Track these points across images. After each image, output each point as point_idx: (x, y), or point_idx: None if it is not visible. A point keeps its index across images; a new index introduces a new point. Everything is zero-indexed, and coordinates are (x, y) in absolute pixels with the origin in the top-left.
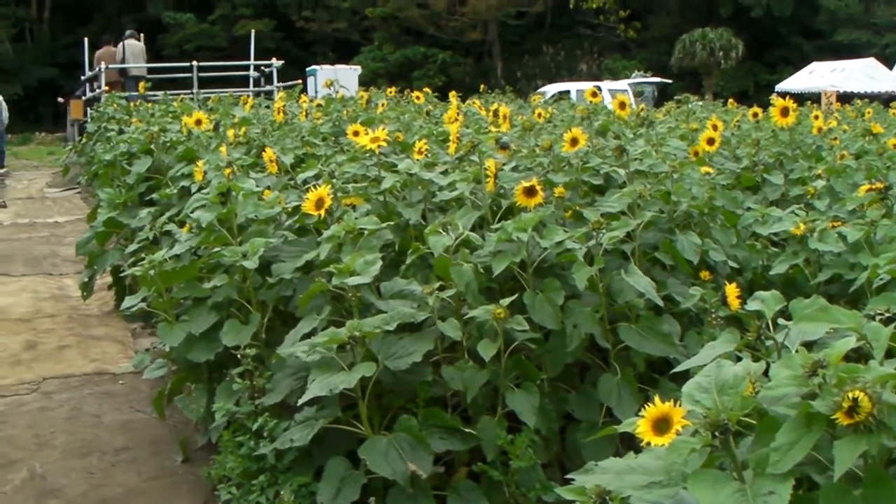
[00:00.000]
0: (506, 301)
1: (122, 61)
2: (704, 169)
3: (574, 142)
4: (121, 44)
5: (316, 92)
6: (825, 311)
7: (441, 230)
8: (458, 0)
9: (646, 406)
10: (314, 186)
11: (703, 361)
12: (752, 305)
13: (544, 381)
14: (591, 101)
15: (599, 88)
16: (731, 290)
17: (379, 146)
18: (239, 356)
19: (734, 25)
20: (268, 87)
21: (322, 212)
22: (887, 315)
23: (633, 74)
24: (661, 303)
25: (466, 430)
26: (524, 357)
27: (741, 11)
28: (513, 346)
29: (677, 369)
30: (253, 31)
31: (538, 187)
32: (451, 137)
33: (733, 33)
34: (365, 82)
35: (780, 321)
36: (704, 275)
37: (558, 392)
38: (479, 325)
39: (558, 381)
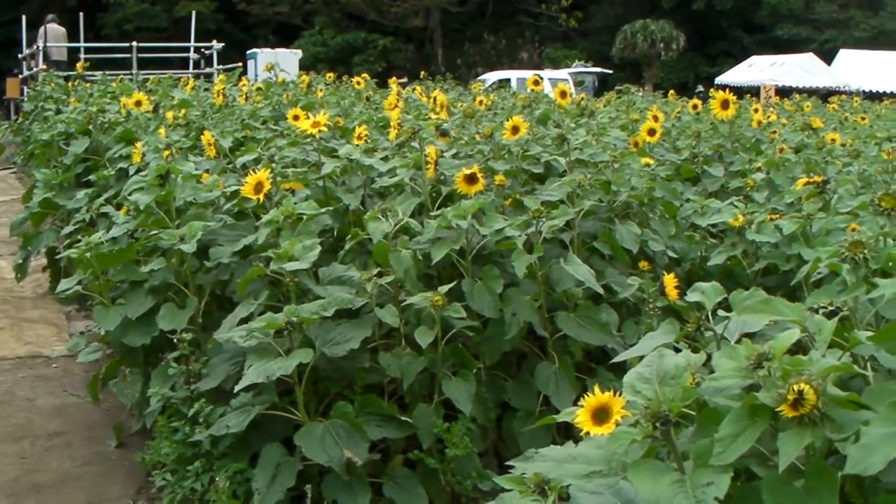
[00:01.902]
0: (444, 288)
1: (44, 46)
2: (645, 160)
3: (515, 130)
4: (42, 28)
5: (256, 75)
6: (768, 304)
7: (380, 216)
8: None
9: (583, 395)
10: (253, 170)
11: (642, 352)
12: (692, 297)
13: (482, 369)
14: (532, 90)
15: (540, 77)
16: (670, 280)
17: (319, 131)
18: (175, 341)
19: (676, 17)
20: (208, 70)
21: (261, 196)
22: (830, 308)
23: (574, 64)
24: (601, 291)
25: (403, 417)
26: (462, 345)
27: (683, 4)
28: (451, 334)
29: (617, 359)
30: (194, 12)
31: (479, 175)
32: (391, 123)
33: (675, 25)
34: (305, 66)
35: (720, 312)
36: (643, 265)
37: (496, 380)
38: (417, 312)
39: (496, 369)
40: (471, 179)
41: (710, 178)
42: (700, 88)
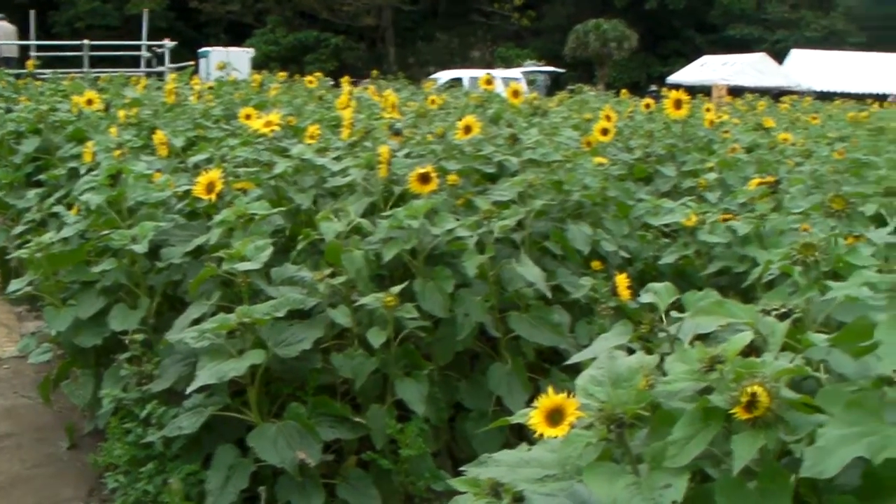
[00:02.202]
0: (396, 289)
1: None
2: (597, 159)
3: (468, 129)
4: None
5: (208, 74)
6: (721, 306)
7: (332, 216)
8: None
9: (536, 395)
10: (205, 170)
11: (595, 353)
12: (646, 297)
13: (434, 369)
14: (484, 89)
15: (493, 76)
16: (622, 280)
17: (272, 131)
18: (127, 341)
19: (628, 17)
20: (160, 68)
21: (213, 196)
22: (783, 310)
23: (526, 63)
24: (549, 294)
25: (356, 418)
26: (415, 345)
27: (636, 3)
28: (403, 334)
29: (570, 361)
30: (145, 11)
31: (432, 174)
32: (343, 123)
33: (627, 25)
34: (257, 65)
35: (674, 313)
36: (596, 265)
37: (448, 380)
38: (369, 312)
39: (449, 369)
40: (424, 179)
41: (663, 177)
42: (653, 88)
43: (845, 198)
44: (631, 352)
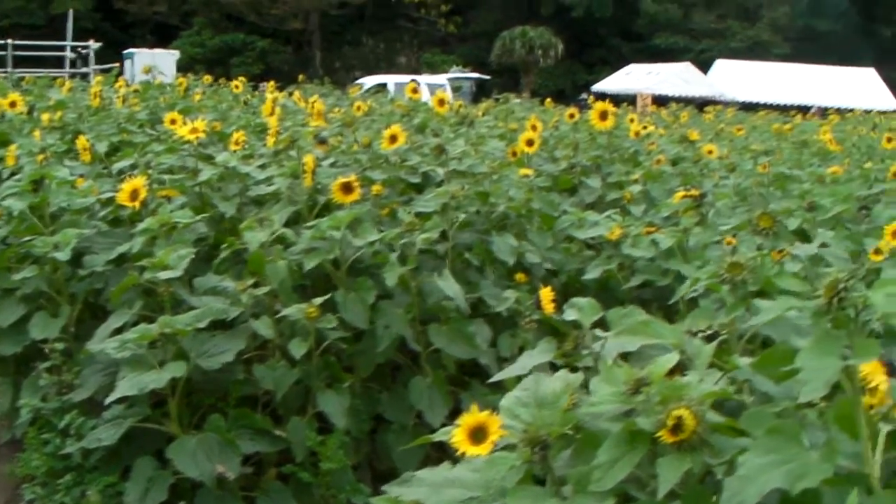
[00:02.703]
0: (318, 300)
1: None
2: (523, 171)
3: (393, 139)
4: None
5: (133, 76)
6: (646, 326)
7: (256, 225)
8: None
9: (457, 409)
10: (129, 176)
11: (519, 371)
12: (569, 314)
13: (356, 381)
14: (410, 98)
15: (417, 83)
16: (546, 293)
17: (197, 138)
18: (47, 350)
19: (554, 24)
20: (84, 70)
21: (137, 203)
22: (709, 332)
23: (452, 69)
24: (467, 309)
25: (276, 431)
26: (337, 356)
27: (562, 11)
28: (325, 346)
29: (493, 379)
30: (70, 10)
31: (355, 184)
32: (269, 130)
33: (553, 32)
34: (183, 67)
35: (598, 331)
36: (520, 277)
37: (370, 392)
38: (291, 323)
39: (371, 381)
40: (347, 188)
41: (588, 189)
42: (583, 96)
43: (772, 216)
44: (555, 369)
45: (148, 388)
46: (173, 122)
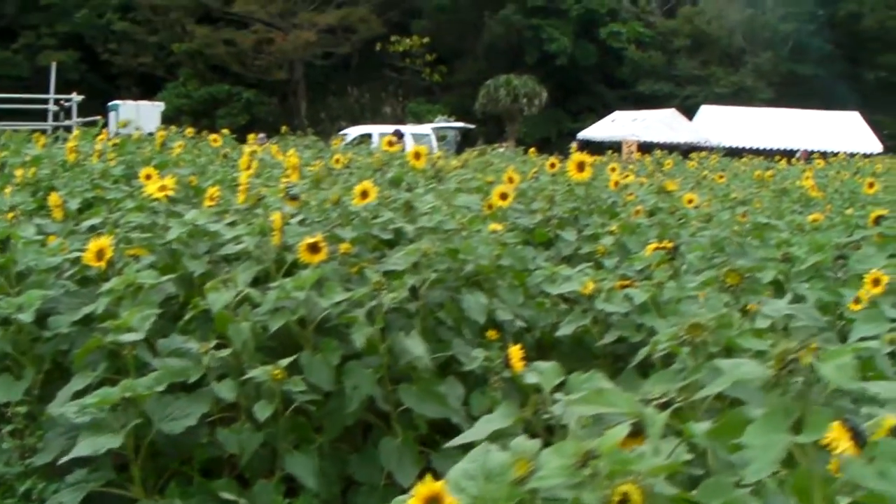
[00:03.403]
0: (284, 361)
1: None
2: (492, 226)
3: (364, 194)
4: None
5: (118, 128)
6: (600, 395)
7: (221, 286)
8: (265, 39)
9: (428, 469)
10: (96, 235)
11: (478, 436)
12: (531, 377)
13: (325, 442)
14: (385, 150)
15: (401, 133)
16: (515, 352)
17: (166, 195)
18: (9, 413)
19: (539, 72)
20: (67, 122)
21: (103, 263)
22: (663, 399)
23: (437, 119)
24: (432, 370)
25: (240, 501)
26: (306, 417)
27: (546, 59)
28: (292, 407)
29: (451, 444)
30: (54, 63)
31: (321, 244)
32: (240, 186)
33: (538, 80)
34: (169, 118)
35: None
36: (491, 334)
37: (340, 453)
38: (257, 385)
39: (341, 441)
40: (313, 249)
41: (564, 242)
42: (574, 145)
43: (740, 272)
44: (515, 435)
45: (104, 449)
46: (148, 177)
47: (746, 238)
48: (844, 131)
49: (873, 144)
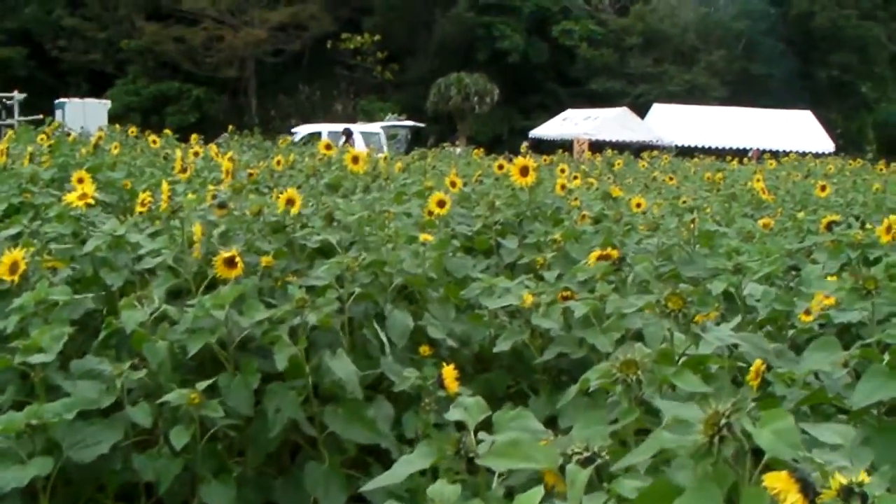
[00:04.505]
0: (202, 384)
1: None
2: (424, 237)
3: (290, 202)
4: None
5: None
6: (517, 447)
7: (136, 302)
8: (215, 36)
9: (359, 495)
10: (9, 249)
11: (396, 479)
12: (454, 414)
13: (248, 467)
14: (324, 154)
15: (350, 132)
16: (449, 372)
17: (86, 204)
18: None
19: (490, 70)
20: (9, 121)
21: (16, 277)
22: (586, 454)
23: (387, 117)
24: (360, 395)
25: None
26: (223, 444)
27: (498, 57)
28: (211, 432)
29: (364, 489)
30: None
31: (238, 258)
32: (163, 195)
33: (489, 78)
34: (118, 115)
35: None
36: (424, 350)
37: (264, 478)
38: (173, 409)
39: (265, 464)
40: (230, 263)
41: (506, 250)
42: (528, 145)
43: (682, 296)
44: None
45: (8, 488)
46: (80, 181)
47: (695, 246)
48: (797, 130)
49: (825, 143)
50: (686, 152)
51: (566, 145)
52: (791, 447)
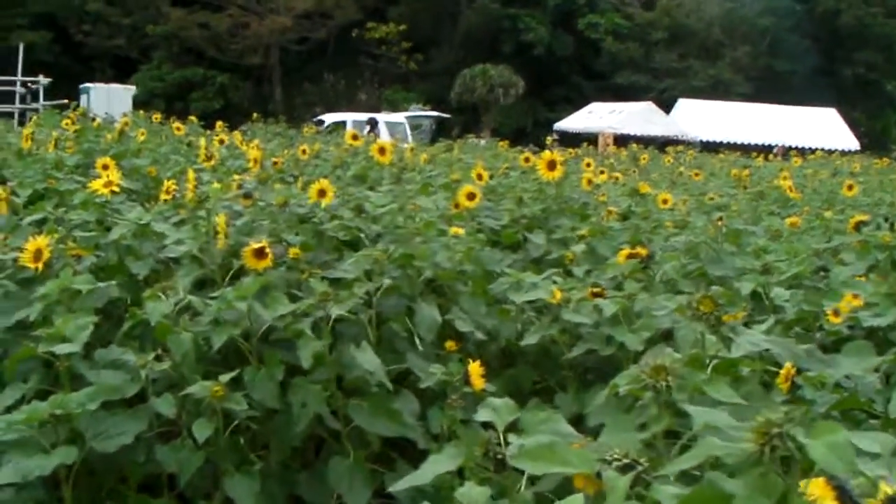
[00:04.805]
0: (225, 377)
1: None
2: (454, 230)
3: (321, 193)
4: None
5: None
6: (552, 451)
7: (161, 293)
8: (240, 23)
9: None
10: (33, 236)
11: (423, 480)
12: (482, 415)
13: (272, 460)
14: (350, 145)
15: (375, 121)
16: (475, 368)
17: (111, 191)
18: None
19: (515, 62)
20: (34, 105)
21: (40, 265)
22: (625, 461)
23: (411, 107)
24: (389, 386)
25: None
26: (252, 435)
27: (523, 49)
28: (235, 425)
29: (393, 489)
30: (21, 44)
31: (268, 249)
32: (188, 183)
33: (514, 70)
34: (142, 102)
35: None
36: (450, 345)
37: (288, 472)
38: (197, 401)
39: (289, 458)
40: (259, 254)
41: (533, 245)
42: (555, 137)
43: (714, 299)
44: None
45: (32, 476)
46: (105, 167)
47: (722, 244)
48: (821, 128)
49: (850, 142)
50: (710, 147)
51: (591, 138)
52: (845, 462)
